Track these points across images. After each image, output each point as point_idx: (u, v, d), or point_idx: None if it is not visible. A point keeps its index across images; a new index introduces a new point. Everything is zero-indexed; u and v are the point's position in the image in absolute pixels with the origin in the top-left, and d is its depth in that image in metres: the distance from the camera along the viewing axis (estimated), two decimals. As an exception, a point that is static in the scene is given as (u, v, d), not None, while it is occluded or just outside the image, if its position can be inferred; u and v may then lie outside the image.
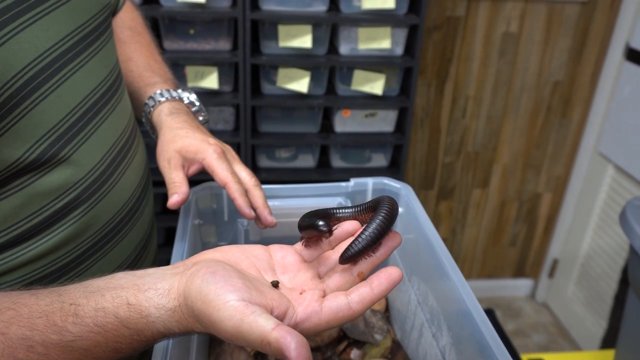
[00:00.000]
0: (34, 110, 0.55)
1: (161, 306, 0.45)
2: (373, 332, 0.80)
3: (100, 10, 0.67)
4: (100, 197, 0.65)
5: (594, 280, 2.14)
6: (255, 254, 0.52)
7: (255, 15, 1.50)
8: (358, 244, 0.48)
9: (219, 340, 0.76)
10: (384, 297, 0.48)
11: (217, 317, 0.42)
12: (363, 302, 0.46)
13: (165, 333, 0.45)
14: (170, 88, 0.81)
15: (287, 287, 0.50)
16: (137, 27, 0.89)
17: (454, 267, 0.64)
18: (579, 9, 1.93)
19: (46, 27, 0.57)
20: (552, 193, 2.31)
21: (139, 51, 0.86)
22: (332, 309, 0.46)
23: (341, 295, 0.47)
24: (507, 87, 2.05)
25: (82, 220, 0.63)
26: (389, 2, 1.52)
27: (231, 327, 0.41)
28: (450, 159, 2.17)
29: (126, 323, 0.45)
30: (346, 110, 1.69)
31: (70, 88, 0.60)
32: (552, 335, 2.32)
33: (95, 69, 0.65)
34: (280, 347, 0.39)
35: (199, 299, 0.43)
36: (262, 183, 0.73)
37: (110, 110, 0.68)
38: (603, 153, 2.05)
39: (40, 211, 0.59)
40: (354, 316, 0.46)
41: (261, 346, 0.40)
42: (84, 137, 0.62)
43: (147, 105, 0.79)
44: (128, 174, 0.70)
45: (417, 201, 0.77)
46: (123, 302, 0.45)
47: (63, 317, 0.45)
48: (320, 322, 0.46)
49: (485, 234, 2.37)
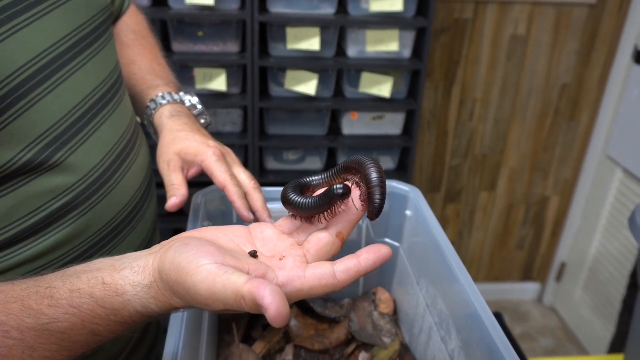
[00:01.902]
0: (29, 111, 0.55)
1: (137, 283, 0.44)
2: (381, 335, 0.80)
3: (100, 12, 0.68)
4: (99, 199, 0.64)
5: (602, 285, 2.13)
6: (233, 231, 0.51)
7: (264, 17, 1.51)
8: (378, 192, 0.47)
9: (228, 342, 0.77)
10: (371, 271, 0.46)
11: (190, 282, 0.41)
12: (349, 272, 0.45)
13: (143, 313, 0.45)
14: (172, 91, 0.81)
15: (266, 256, 0.49)
16: (142, 30, 0.90)
17: (463, 271, 0.64)
18: (588, 11, 1.92)
19: (44, 27, 0.57)
20: (560, 196, 2.30)
21: (143, 54, 0.87)
22: (316, 275, 0.44)
23: (327, 263, 0.46)
24: (514, 90, 2.04)
25: (80, 221, 0.63)
26: (397, 5, 1.52)
27: (205, 290, 0.40)
28: (458, 161, 2.17)
29: (102, 303, 0.44)
30: (354, 113, 1.69)
31: (69, 89, 0.60)
32: (559, 340, 2.31)
33: (94, 70, 0.65)
34: (254, 298, 0.38)
35: (173, 270, 0.42)
36: (269, 185, 0.73)
37: (110, 112, 0.68)
38: (611, 156, 2.04)
39: (37, 211, 0.59)
40: (338, 286, 0.45)
41: (237, 304, 0.39)
42: (83, 139, 0.62)
43: (149, 108, 0.79)
44: (129, 176, 0.70)
45: (425, 204, 0.77)
46: (99, 282, 0.45)
47: (39, 300, 0.45)
48: (303, 287, 0.44)
49: (493, 237, 2.36)
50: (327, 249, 0.49)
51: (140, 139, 0.78)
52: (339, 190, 0.47)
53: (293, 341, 0.78)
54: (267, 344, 0.77)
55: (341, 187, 0.47)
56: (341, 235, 0.50)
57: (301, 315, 0.83)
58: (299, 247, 0.50)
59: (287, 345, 0.77)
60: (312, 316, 0.83)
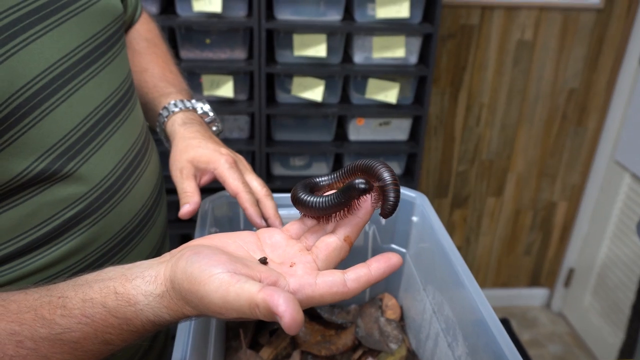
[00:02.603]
0: (43, 121, 0.56)
1: (149, 293, 0.45)
2: (388, 341, 0.80)
3: (113, 22, 0.68)
4: (110, 207, 0.65)
5: (610, 290, 2.11)
6: (241, 237, 0.51)
7: (271, 24, 1.52)
8: (392, 190, 0.47)
9: (235, 348, 0.77)
10: (380, 280, 0.47)
11: (204, 291, 0.41)
12: (359, 281, 0.45)
13: (155, 321, 0.45)
14: (184, 98, 0.82)
15: (276, 262, 0.49)
16: (154, 38, 0.91)
17: (469, 276, 0.64)
18: (595, 16, 1.92)
19: (57, 38, 0.58)
20: (568, 202, 2.29)
21: (155, 62, 0.87)
22: (327, 282, 0.45)
23: (337, 271, 0.46)
24: (521, 95, 2.04)
25: (92, 230, 0.63)
26: (403, 11, 1.53)
27: (219, 299, 0.41)
28: (464, 167, 2.16)
29: (114, 312, 0.45)
30: (360, 119, 1.70)
31: (81, 99, 0.61)
32: (568, 346, 2.29)
33: (106, 80, 0.65)
34: (268, 305, 0.38)
35: (185, 279, 0.42)
36: (276, 191, 0.74)
37: (122, 121, 0.68)
38: (619, 161, 2.03)
39: (50, 220, 0.59)
40: (348, 294, 0.45)
41: (251, 312, 0.40)
42: (94, 148, 0.62)
43: (161, 116, 0.80)
44: (140, 184, 0.70)
45: (432, 210, 0.77)
46: (110, 292, 0.45)
47: (51, 310, 0.45)
48: (314, 295, 0.44)
49: (500, 243, 2.35)
50: (335, 254, 0.50)
51: (151, 147, 0.78)
52: (360, 185, 0.48)
53: (300, 347, 0.79)
54: (274, 350, 0.77)
55: (363, 181, 0.48)
56: (349, 239, 0.51)
57: (308, 321, 0.83)
58: (308, 252, 0.50)
59: (294, 351, 0.77)
60: (318, 322, 0.83)
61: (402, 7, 1.53)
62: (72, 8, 0.60)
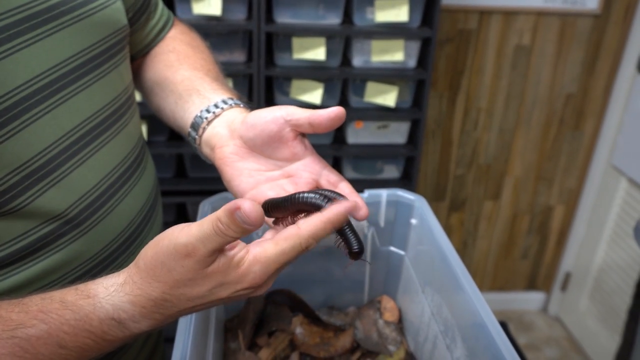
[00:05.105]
0: (22, 131, 0.53)
1: (110, 284, 0.46)
2: (386, 343, 0.81)
3: (113, 33, 0.65)
4: (92, 224, 0.62)
5: (607, 294, 2.12)
6: None
7: (270, 27, 1.52)
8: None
9: (234, 349, 0.77)
10: (336, 219, 0.46)
11: (167, 242, 0.43)
12: (309, 223, 0.46)
13: (114, 316, 0.45)
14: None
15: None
16: (194, 42, 0.84)
17: (468, 279, 0.64)
18: (592, 21, 1.93)
19: (48, 48, 0.56)
20: (565, 206, 2.30)
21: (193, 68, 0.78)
22: (282, 233, 0.46)
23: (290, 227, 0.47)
24: (519, 100, 2.05)
25: (72, 247, 0.60)
26: (402, 15, 1.53)
27: (184, 237, 0.43)
28: (462, 171, 2.17)
29: (71, 306, 0.45)
30: (359, 122, 1.70)
31: (68, 111, 0.58)
32: (564, 350, 2.30)
33: (99, 92, 0.63)
34: (229, 208, 0.41)
35: (149, 247, 0.44)
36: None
37: (112, 135, 0.65)
38: (616, 166, 2.04)
39: (25, 235, 0.56)
40: (302, 236, 0.45)
41: (215, 230, 0.42)
42: (78, 162, 0.60)
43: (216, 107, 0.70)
44: (127, 201, 0.67)
45: (431, 213, 0.77)
46: (72, 289, 0.46)
47: (9, 308, 0.45)
48: (269, 246, 0.46)
49: (497, 247, 2.36)
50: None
51: (145, 162, 0.75)
52: (354, 248, 0.50)
53: (298, 349, 0.79)
54: (272, 351, 0.77)
55: (357, 246, 0.50)
56: None
57: (306, 323, 0.83)
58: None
59: (293, 353, 0.78)
60: (317, 324, 0.83)
61: (401, 11, 1.53)
62: (67, 18, 0.58)
